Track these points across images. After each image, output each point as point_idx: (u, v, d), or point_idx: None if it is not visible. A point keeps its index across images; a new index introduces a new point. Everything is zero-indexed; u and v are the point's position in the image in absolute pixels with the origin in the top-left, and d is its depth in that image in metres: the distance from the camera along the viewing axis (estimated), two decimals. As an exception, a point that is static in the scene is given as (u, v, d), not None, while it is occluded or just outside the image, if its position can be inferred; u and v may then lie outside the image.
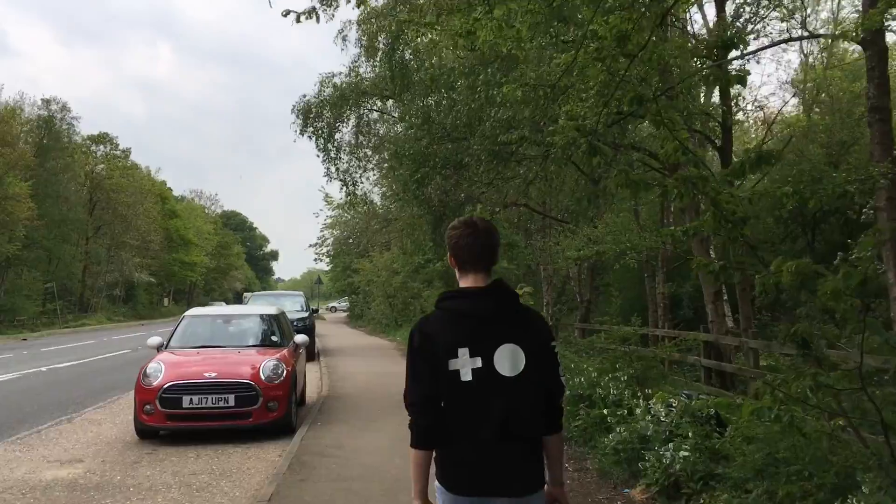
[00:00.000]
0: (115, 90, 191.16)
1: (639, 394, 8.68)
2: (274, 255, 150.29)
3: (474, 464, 2.52)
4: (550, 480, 2.71)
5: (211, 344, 10.34)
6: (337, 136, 19.15)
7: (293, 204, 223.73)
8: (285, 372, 9.56)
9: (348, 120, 19.01)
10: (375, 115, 19.79)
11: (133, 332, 36.10)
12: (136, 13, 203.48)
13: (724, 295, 12.01)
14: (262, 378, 9.30)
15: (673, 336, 11.73)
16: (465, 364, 2.52)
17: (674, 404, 7.50)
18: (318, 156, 19.22)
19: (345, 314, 53.16)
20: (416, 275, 26.20)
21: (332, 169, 19.80)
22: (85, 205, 51.02)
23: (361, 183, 21.88)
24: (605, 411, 8.61)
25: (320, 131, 18.62)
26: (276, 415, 9.32)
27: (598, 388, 9.15)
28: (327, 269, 51.12)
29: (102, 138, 58.33)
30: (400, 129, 16.81)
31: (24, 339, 33.04)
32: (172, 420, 9.05)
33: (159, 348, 10.27)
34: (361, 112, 18.67)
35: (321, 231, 45.06)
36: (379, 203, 28.62)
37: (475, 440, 2.52)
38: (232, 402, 9.05)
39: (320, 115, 18.50)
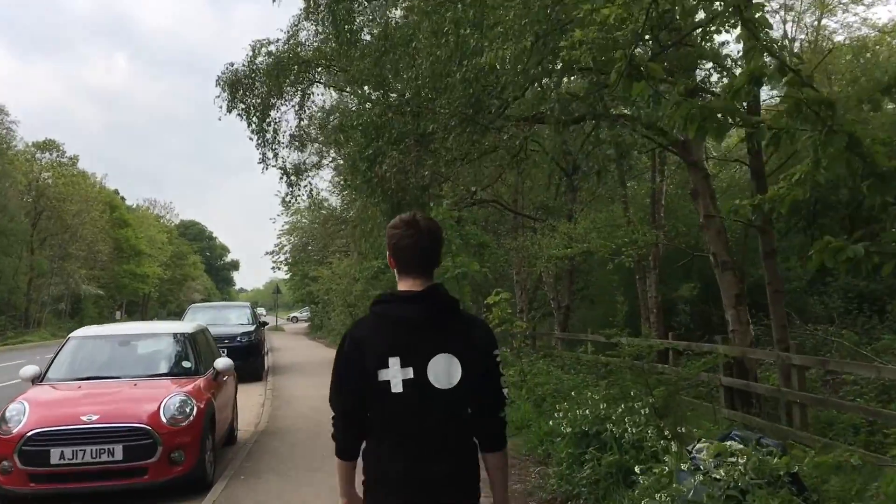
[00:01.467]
0: (72, 101, 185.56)
1: (666, 432, 6.44)
2: (235, 265, 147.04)
3: (404, 482, 2.38)
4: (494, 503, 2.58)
5: (102, 374, 7.84)
6: (274, 113, 16.48)
7: (255, 213, 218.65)
8: (195, 410, 7.17)
9: (290, 98, 16.44)
10: (321, 89, 17.07)
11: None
12: (92, 23, 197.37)
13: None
14: (163, 420, 6.91)
15: (683, 351, 9.51)
16: (395, 375, 2.37)
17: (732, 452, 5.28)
18: (251, 139, 16.29)
19: (306, 324, 50.31)
20: (377, 281, 23.96)
21: (270, 155, 16.96)
22: (27, 214, 47.67)
23: (308, 174, 19.39)
24: (624, 457, 6.38)
25: (252, 109, 15.75)
26: (182, 468, 6.92)
27: (610, 423, 6.91)
28: (286, 277, 48.32)
29: (48, 145, 54.48)
30: (349, 102, 14.37)
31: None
32: (37, 482, 6.59)
33: (34, 380, 7.79)
34: (305, 87, 16.00)
35: (278, 238, 42.32)
36: (335, 204, 26.19)
37: (405, 455, 2.39)
38: (119, 455, 6.62)
39: (251, 89, 15.56)
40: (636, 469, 5.76)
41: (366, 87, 8.91)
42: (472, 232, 17.17)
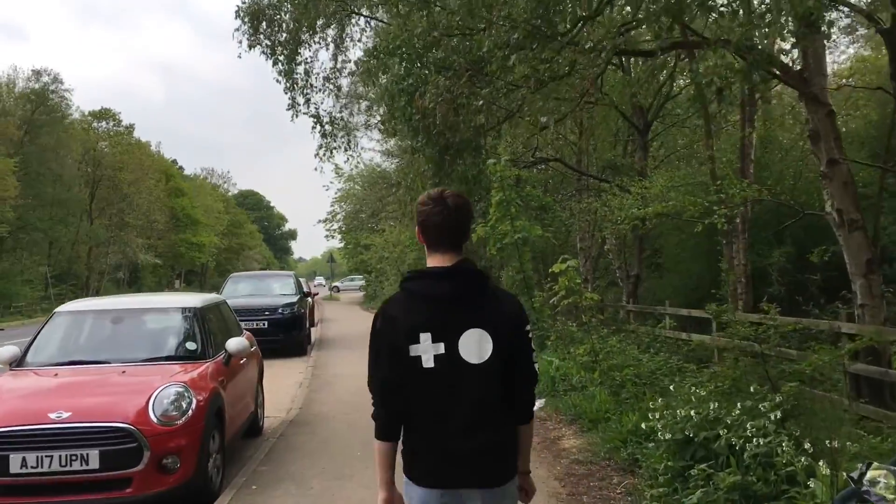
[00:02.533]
0: (133, 73, 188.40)
1: (807, 445, 4.68)
2: (293, 235, 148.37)
3: (440, 456, 2.43)
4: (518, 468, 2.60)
5: (87, 359, 6.43)
6: (305, 52, 14.29)
7: (312, 182, 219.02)
8: (194, 404, 5.72)
9: (324, 39, 14.56)
10: (362, 24, 14.90)
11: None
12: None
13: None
14: (152, 417, 5.48)
15: (802, 328, 7.60)
16: (427, 350, 2.41)
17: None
18: (277, 81, 14.07)
19: (361, 293, 49.23)
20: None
21: (301, 100, 14.63)
22: (85, 184, 47.62)
23: (351, 131, 17.56)
24: (748, 478, 4.69)
25: (279, 46, 13.52)
26: (177, 477, 5.50)
27: (724, 429, 5.18)
28: (340, 246, 47.26)
29: (104, 114, 54.54)
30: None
31: (23, 325, 29.85)
32: (-6, 493, 5.23)
33: (12, 364, 6.47)
34: (342, 17, 13.84)
35: (331, 206, 41.07)
36: (385, 166, 24.52)
37: (440, 431, 2.42)
38: (95, 463, 5.22)
39: (274, 22, 13.39)
40: (754, 482, 4.07)
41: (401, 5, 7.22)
42: (533, 193, 15.42)
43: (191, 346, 6.75)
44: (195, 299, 7.54)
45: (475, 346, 2.43)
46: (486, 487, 2.44)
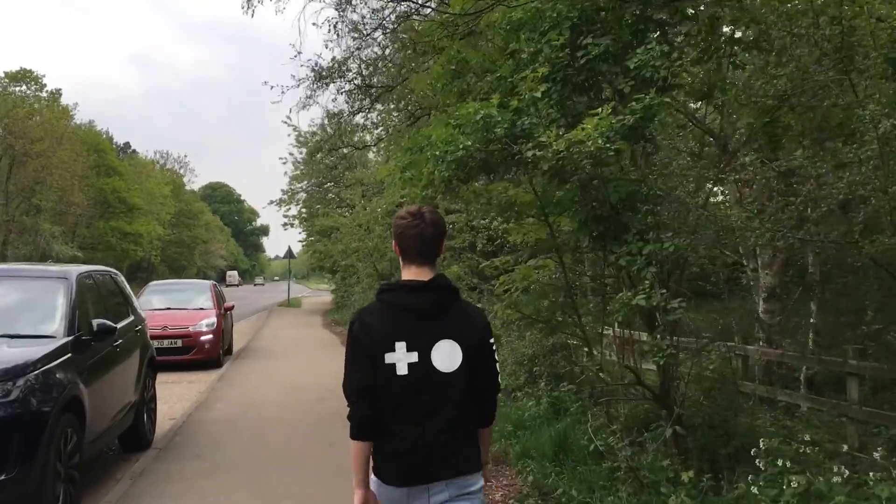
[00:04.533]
0: (109, 66, 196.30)
1: None
2: (264, 230, 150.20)
3: (409, 456, 3.05)
4: None
5: None
6: None
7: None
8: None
9: None
10: None
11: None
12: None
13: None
14: None
15: None
16: (401, 358, 3.03)
17: None
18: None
19: (330, 298, 48.60)
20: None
21: None
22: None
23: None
24: None
25: None
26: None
27: None
28: (302, 237, 46.60)
29: (23, 75, 54.73)
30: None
31: None
32: None
33: None
34: None
35: (289, 184, 40.14)
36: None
37: (410, 433, 3.04)
38: None
39: None
40: None
41: None
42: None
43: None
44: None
45: (446, 356, 3.06)
46: (447, 479, 3.08)
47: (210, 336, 16.27)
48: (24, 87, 53.62)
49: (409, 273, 3.18)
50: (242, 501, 6.59)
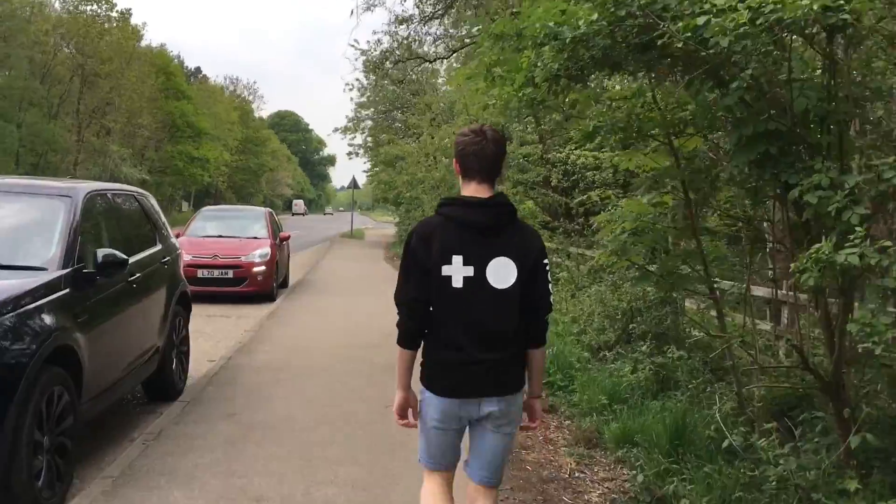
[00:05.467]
0: None
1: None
2: (331, 160, 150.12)
3: (458, 369, 3.16)
4: (529, 391, 3.42)
5: None
6: None
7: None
8: None
9: None
10: None
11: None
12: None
13: None
14: None
15: None
16: (457, 271, 3.10)
17: None
18: None
19: (393, 229, 46.89)
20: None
21: None
22: (71, 78, 46.71)
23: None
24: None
25: None
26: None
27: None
28: (367, 167, 44.76)
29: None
30: None
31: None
32: None
33: None
34: None
35: (354, 111, 38.29)
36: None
37: (461, 347, 3.14)
38: None
39: None
40: None
41: None
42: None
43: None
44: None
45: (502, 272, 3.15)
46: (499, 396, 3.21)
47: (263, 267, 14.91)
48: (94, 7, 52.81)
49: (469, 190, 3.22)
50: (271, 489, 5.15)
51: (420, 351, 3.28)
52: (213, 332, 11.32)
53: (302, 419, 6.76)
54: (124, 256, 5.85)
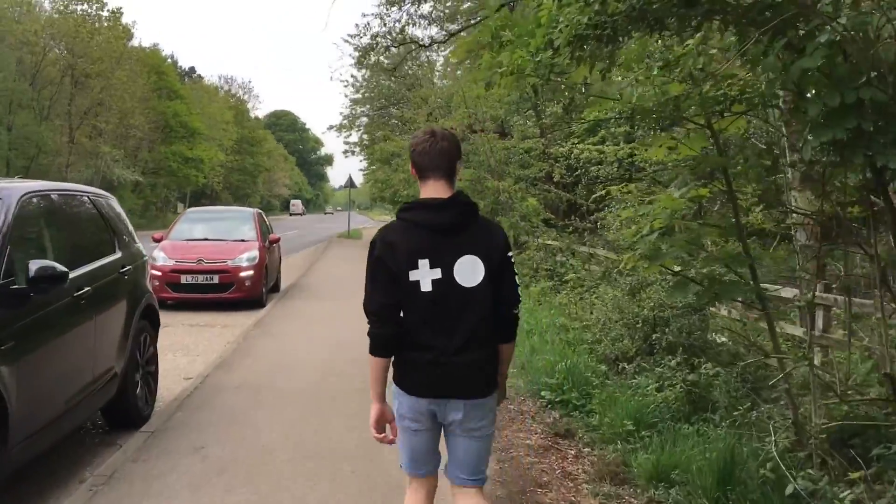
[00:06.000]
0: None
1: None
2: (328, 160, 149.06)
3: (432, 370, 3.13)
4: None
5: None
6: None
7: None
8: None
9: None
10: None
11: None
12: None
13: None
14: None
15: None
16: (424, 275, 3.09)
17: None
18: None
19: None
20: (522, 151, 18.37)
21: None
22: (61, 79, 45.70)
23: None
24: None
25: None
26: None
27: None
28: (363, 165, 43.56)
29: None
30: None
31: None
32: None
33: None
34: None
35: (349, 108, 37.19)
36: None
37: (434, 348, 3.11)
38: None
39: None
40: None
41: None
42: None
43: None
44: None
45: (469, 271, 3.13)
46: (471, 398, 3.20)
47: (251, 272, 13.96)
48: (85, 6, 51.77)
49: (427, 191, 3.20)
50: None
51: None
52: (193, 345, 10.40)
53: (282, 452, 5.84)
54: (64, 269, 4.90)
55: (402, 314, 3.13)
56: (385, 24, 18.68)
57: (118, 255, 6.65)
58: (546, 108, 23.12)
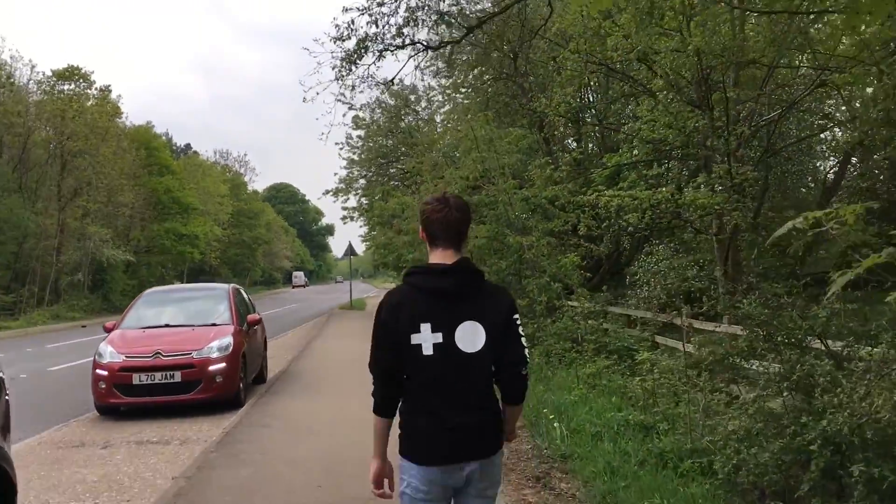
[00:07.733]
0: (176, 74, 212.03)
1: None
2: (329, 230, 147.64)
3: (435, 436, 3.06)
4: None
5: None
6: None
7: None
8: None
9: None
10: None
11: (48, 342, 25.72)
12: None
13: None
14: None
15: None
16: (427, 339, 3.03)
17: None
18: None
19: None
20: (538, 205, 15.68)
21: None
22: (49, 162, 43.50)
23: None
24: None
25: None
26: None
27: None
28: (363, 231, 40.59)
29: (71, 73, 50.78)
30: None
31: None
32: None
33: None
34: None
35: (345, 168, 34.20)
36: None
37: (436, 412, 3.05)
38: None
39: None
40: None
41: None
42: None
43: None
44: None
45: (470, 336, 3.05)
46: (479, 459, 3.10)
47: (223, 364, 10.90)
48: (72, 86, 49.83)
49: (436, 257, 3.18)
50: None
51: (397, 422, 3.15)
52: (128, 480, 7.39)
53: None
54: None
55: (404, 378, 3.07)
56: (377, 23, 14.64)
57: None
58: (562, 157, 20.58)
